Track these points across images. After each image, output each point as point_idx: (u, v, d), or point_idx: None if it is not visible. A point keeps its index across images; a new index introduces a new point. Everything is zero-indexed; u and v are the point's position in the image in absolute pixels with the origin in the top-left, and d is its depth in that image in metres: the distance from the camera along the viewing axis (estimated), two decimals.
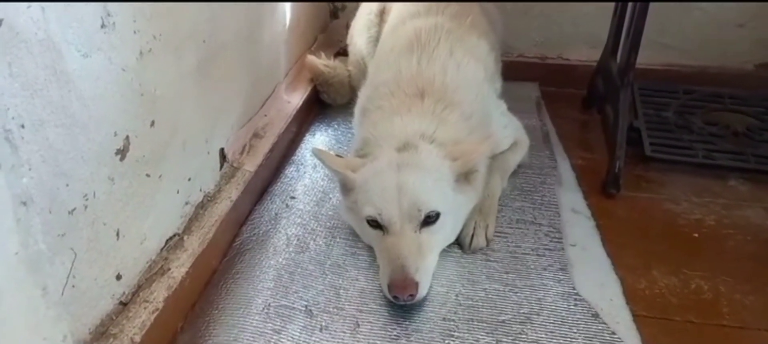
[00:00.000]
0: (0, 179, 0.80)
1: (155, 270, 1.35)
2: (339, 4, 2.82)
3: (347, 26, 2.51)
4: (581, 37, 2.59)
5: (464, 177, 1.56)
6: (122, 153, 1.20)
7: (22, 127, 0.92)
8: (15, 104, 0.90)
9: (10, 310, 0.84)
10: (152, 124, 1.30)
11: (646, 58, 2.41)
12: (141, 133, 1.25)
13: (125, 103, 1.19)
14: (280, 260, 1.58)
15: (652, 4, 1.96)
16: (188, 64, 1.46)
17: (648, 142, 2.10)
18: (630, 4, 2.02)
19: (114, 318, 1.22)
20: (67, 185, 1.04)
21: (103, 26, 1.10)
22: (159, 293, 1.30)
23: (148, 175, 1.31)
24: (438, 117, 1.62)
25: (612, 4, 2.24)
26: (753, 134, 2.13)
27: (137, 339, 1.19)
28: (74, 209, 1.07)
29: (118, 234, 1.22)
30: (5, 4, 0.86)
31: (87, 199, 1.10)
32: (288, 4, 2.24)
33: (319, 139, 2.19)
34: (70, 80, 1.02)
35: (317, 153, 1.64)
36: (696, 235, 1.75)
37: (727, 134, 2.14)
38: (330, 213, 1.77)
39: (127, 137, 1.21)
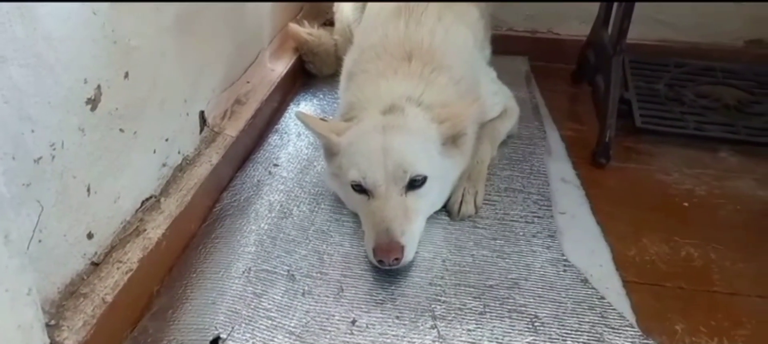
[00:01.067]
0: None
1: (130, 231, 1.29)
2: None
3: None
4: (572, 11, 2.56)
5: (452, 140, 1.52)
6: (93, 102, 1.13)
7: None
8: None
9: None
10: (126, 75, 1.23)
11: (638, 34, 2.39)
12: (114, 84, 1.19)
13: (97, 48, 1.13)
14: (262, 225, 1.53)
15: None
16: (167, 18, 1.40)
17: (638, 114, 2.07)
18: None
19: (85, 277, 1.16)
20: (33, 131, 0.98)
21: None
22: (133, 254, 1.25)
23: (121, 130, 1.24)
24: (425, 79, 1.58)
25: None
26: (743, 107, 2.11)
27: (109, 298, 1.13)
28: (40, 158, 1.01)
29: (89, 190, 1.16)
30: None
31: (55, 149, 1.04)
32: None
33: (303, 108, 2.14)
34: (34, 17, 0.96)
35: (301, 116, 1.59)
36: (686, 205, 1.73)
37: (718, 106, 2.12)
38: (314, 180, 1.72)
39: (99, 86, 1.14)
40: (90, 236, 1.17)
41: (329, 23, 2.46)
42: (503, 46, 2.38)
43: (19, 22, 0.93)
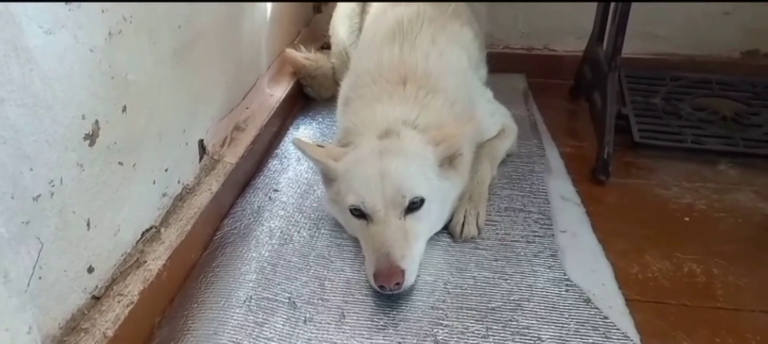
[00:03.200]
0: None
1: (130, 263, 1.29)
2: None
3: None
4: (567, 28, 2.58)
5: (449, 162, 1.53)
6: (91, 138, 1.14)
7: None
8: None
9: None
10: (124, 109, 1.24)
11: (633, 48, 2.41)
12: (112, 119, 1.20)
13: (94, 85, 1.14)
14: (263, 252, 1.53)
15: None
16: (163, 50, 1.41)
17: (637, 129, 2.07)
18: None
19: (86, 312, 1.16)
20: (31, 169, 0.99)
21: (67, 1, 1.05)
22: (134, 286, 1.25)
23: (120, 163, 1.25)
24: (420, 103, 1.59)
25: None
26: (741, 118, 2.11)
27: (110, 333, 1.13)
28: (39, 195, 1.02)
29: (89, 225, 1.16)
30: None
31: (53, 185, 1.05)
32: None
33: (303, 132, 2.15)
34: (31, 58, 0.97)
35: (298, 143, 1.60)
36: (687, 219, 1.73)
37: (716, 119, 2.13)
38: (314, 205, 1.73)
39: (97, 121, 1.15)
40: (90, 270, 1.18)
41: (326, 47, 2.48)
42: (500, 64, 2.40)
43: (15, 63, 0.94)
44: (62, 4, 1.03)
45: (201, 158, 1.66)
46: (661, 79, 2.35)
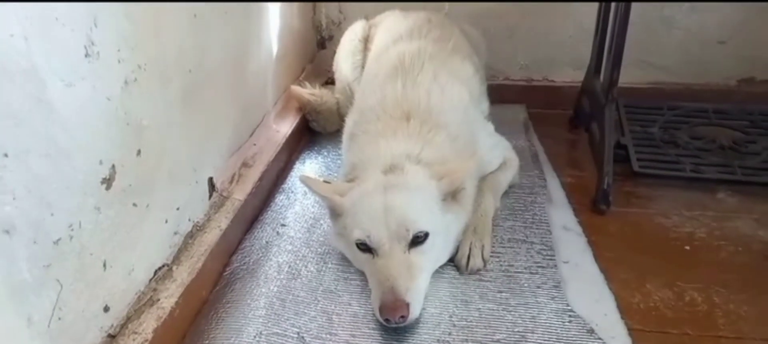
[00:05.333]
0: None
1: (144, 302, 1.33)
2: (325, 34, 2.85)
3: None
4: (565, 59, 2.64)
5: (452, 196, 1.56)
6: (108, 182, 1.19)
7: (6, 155, 0.92)
8: None
9: None
10: (139, 152, 1.30)
11: (631, 78, 2.47)
12: (127, 162, 1.25)
13: (110, 132, 1.19)
14: (272, 288, 1.56)
15: (634, 26, 2.00)
16: (174, 93, 1.47)
17: (635, 158, 2.11)
18: (610, 25, 2.05)
19: None
20: (52, 215, 1.04)
21: (87, 55, 1.10)
22: (148, 324, 1.28)
23: (135, 205, 1.30)
24: (423, 138, 1.63)
25: (593, 28, 2.27)
26: (739, 147, 2.15)
27: None
28: (59, 239, 1.06)
29: (105, 265, 1.20)
30: None
31: (73, 229, 1.09)
32: (275, 35, 2.26)
33: (309, 166, 2.19)
34: (53, 109, 1.02)
35: (305, 180, 1.64)
36: (688, 248, 1.75)
37: (714, 148, 2.16)
38: (321, 239, 1.76)
39: (113, 166, 1.20)
40: (106, 309, 1.21)
41: (330, 82, 2.54)
42: (501, 95, 2.45)
43: (38, 115, 1.00)
44: (83, 57, 1.09)
45: (210, 195, 1.71)
46: (659, 108, 2.40)
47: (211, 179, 1.71)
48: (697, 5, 2.47)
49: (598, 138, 2.07)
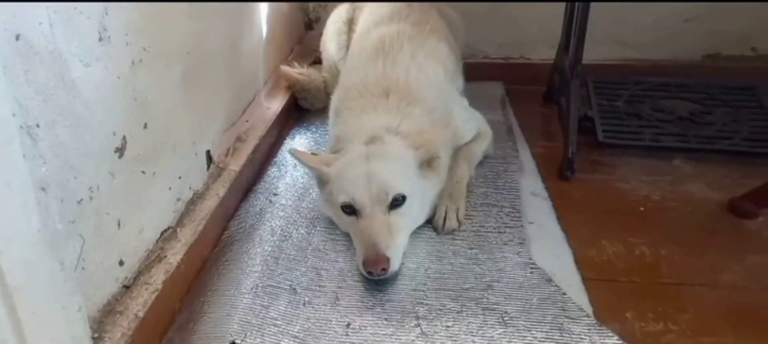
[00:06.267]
0: (24, 166, 0.95)
1: (153, 258, 1.50)
2: (313, 16, 3.00)
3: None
4: (541, 38, 2.77)
5: (427, 163, 1.72)
6: (120, 151, 1.35)
7: (38, 126, 1.08)
8: (31, 106, 1.06)
9: (37, 278, 0.99)
10: (145, 126, 1.46)
11: (601, 55, 2.64)
12: (136, 134, 1.41)
13: (121, 107, 1.35)
14: (266, 248, 1.73)
15: (605, 6, 2.16)
16: (175, 74, 1.63)
17: (601, 130, 2.29)
18: (577, 5, 2.21)
19: (119, 298, 1.37)
20: (75, 178, 1.20)
21: (100, 39, 1.26)
22: (157, 277, 1.45)
23: (143, 172, 1.46)
24: (402, 112, 1.80)
25: (564, 7, 2.43)
26: (696, 118, 2.33)
27: (141, 314, 1.34)
28: (81, 200, 1.23)
29: (119, 224, 1.37)
30: (22, 19, 1.02)
31: (92, 191, 1.26)
32: (265, 18, 2.41)
33: (298, 141, 2.35)
34: (74, 86, 1.18)
35: (294, 152, 1.81)
36: (642, 209, 1.92)
37: (673, 119, 2.34)
38: (310, 206, 1.92)
39: (124, 137, 1.36)
40: (121, 263, 1.38)
41: (317, 62, 2.69)
42: (480, 73, 2.61)
43: (63, 91, 1.16)
44: (97, 41, 1.25)
45: (208, 167, 1.87)
46: (624, 83, 2.57)
47: (208, 152, 1.87)
48: None
49: (565, 110, 2.24)
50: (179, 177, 1.67)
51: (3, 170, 0.92)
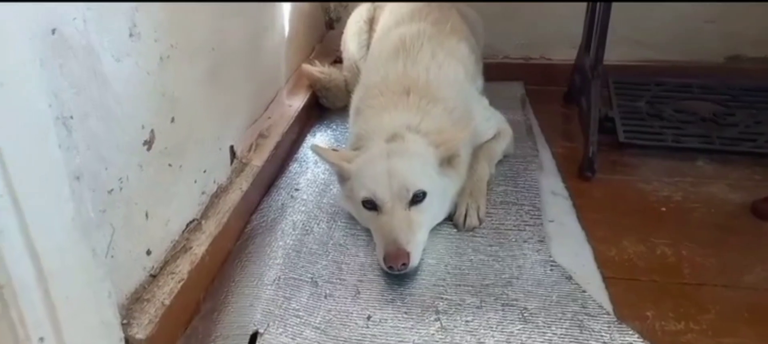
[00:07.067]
0: (60, 156, 0.99)
1: (179, 249, 1.54)
2: (334, 16, 3.03)
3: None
4: (562, 37, 2.76)
5: (448, 161, 1.74)
6: (149, 144, 1.39)
7: (71, 118, 1.11)
8: (66, 98, 1.10)
9: (71, 264, 1.03)
10: (172, 120, 1.49)
11: (622, 56, 2.63)
12: (163, 128, 1.45)
13: (150, 101, 1.39)
14: (288, 241, 1.76)
15: (626, 6, 2.15)
16: (200, 70, 1.66)
17: (622, 130, 2.27)
18: (599, 5, 2.21)
19: (146, 287, 1.40)
20: (106, 169, 1.24)
21: (131, 35, 1.30)
22: (183, 267, 1.49)
23: (170, 165, 1.50)
24: (422, 110, 1.81)
25: (586, 6, 2.42)
26: (719, 119, 2.31)
27: (167, 302, 1.37)
28: (112, 190, 1.26)
29: (147, 215, 1.41)
30: (57, 15, 1.06)
31: (122, 182, 1.29)
32: (287, 17, 2.45)
33: (319, 138, 2.38)
34: (106, 80, 1.22)
35: (315, 149, 1.83)
36: (663, 209, 1.91)
37: (695, 120, 2.32)
38: (331, 201, 1.95)
39: (152, 131, 1.40)
40: (148, 253, 1.42)
41: (338, 61, 2.72)
42: (500, 73, 2.62)
43: (95, 85, 1.19)
44: (127, 37, 1.28)
45: (232, 162, 1.90)
46: (646, 84, 2.56)
47: (232, 147, 1.90)
48: None
49: (585, 110, 2.24)
50: (204, 171, 1.70)
51: (40, 159, 0.95)
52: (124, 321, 1.28)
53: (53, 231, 0.98)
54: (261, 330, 1.44)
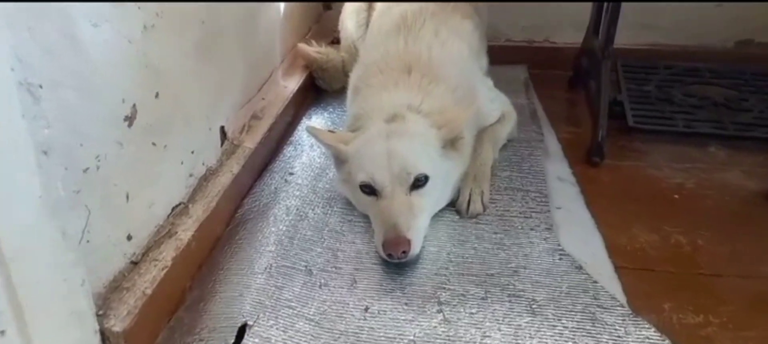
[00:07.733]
0: (23, 126, 0.88)
1: (163, 234, 1.43)
2: None
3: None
4: (566, 20, 2.68)
5: (450, 143, 1.64)
6: (130, 120, 1.28)
7: (41, 86, 1.00)
8: (34, 63, 0.99)
9: (36, 247, 0.93)
10: (157, 95, 1.39)
11: (630, 39, 2.53)
12: (146, 103, 1.34)
13: (131, 72, 1.28)
14: (281, 227, 1.66)
15: None
16: (188, 43, 1.55)
17: (631, 114, 2.19)
18: None
19: (126, 274, 1.30)
20: (81, 145, 1.13)
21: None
22: (167, 253, 1.39)
23: (154, 144, 1.39)
24: (424, 90, 1.71)
25: None
26: (731, 103, 2.23)
27: (148, 292, 1.27)
28: (88, 168, 1.16)
29: (128, 197, 1.30)
30: None
31: (99, 160, 1.19)
32: None
33: (315, 121, 2.28)
34: (81, 47, 1.11)
35: (311, 130, 1.73)
36: (676, 197, 1.83)
37: (707, 104, 2.24)
38: (327, 186, 1.85)
39: (134, 105, 1.29)
40: (129, 238, 1.32)
41: (336, 41, 2.61)
42: (503, 56, 2.52)
43: (69, 51, 1.09)
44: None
45: (222, 143, 1.80)
46: (655, 67, 2.47)
47: (222, 128, 1.80)
48: None
49: (594, 93, 2.14)
50: (192, 152, 1.60)
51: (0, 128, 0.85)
52: (100, 312, 1.18)
53: (15, 208, 0.88)
54: (250, 322, 1.34)
